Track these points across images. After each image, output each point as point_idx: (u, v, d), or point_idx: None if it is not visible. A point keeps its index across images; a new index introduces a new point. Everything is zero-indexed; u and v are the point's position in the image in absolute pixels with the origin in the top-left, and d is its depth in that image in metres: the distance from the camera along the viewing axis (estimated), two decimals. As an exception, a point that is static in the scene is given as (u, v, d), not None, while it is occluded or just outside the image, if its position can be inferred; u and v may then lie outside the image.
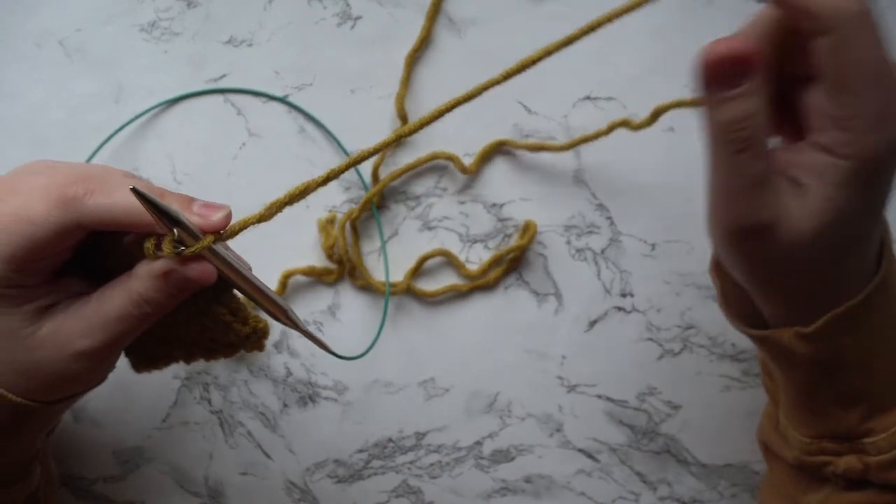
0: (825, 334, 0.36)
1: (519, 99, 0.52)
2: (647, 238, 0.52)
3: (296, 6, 0.52)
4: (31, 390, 0.37)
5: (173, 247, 0.33)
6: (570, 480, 0.52)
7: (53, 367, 0.36)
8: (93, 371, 0.37)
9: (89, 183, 0.34)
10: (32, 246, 0.34)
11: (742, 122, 0.34)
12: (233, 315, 0.38)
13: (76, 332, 0.36)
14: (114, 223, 0.34)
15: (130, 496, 0.52)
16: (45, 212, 0.34)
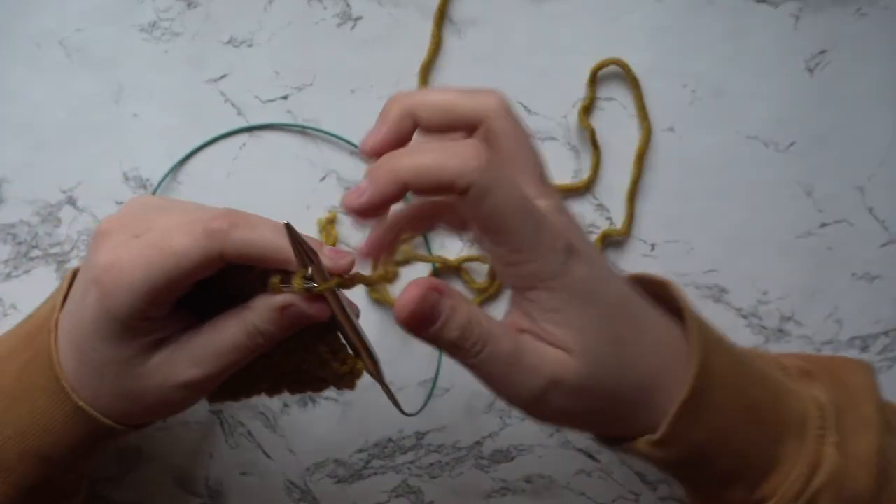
0: (676, 435, 0.36)
1: (519, 99, 0.52)
2: (647, 238, 0.52)
3: (296, 6, 0.52)
4: (127, 415, 0.38)
5: (303, 282, 0.35)
6: (570, 480, 0.52)
7: (157, 396, 0.37)
8: (192, 401, 0.38)
9: (233, 218, 0.34)
10: (174, 278, 0.34)
11: (465, 335, 0.34)
12: (333, 354, 0.39)
13: (185, 362, 0.36)
14: (254, 257, 0.34)
15: (130, 496, 0.52)
16: (190, 243, 0.34)
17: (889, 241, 0.52)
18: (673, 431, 0.36)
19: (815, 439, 0.37)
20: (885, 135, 0.52)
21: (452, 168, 0.32)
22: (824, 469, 0.37)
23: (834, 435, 0.37)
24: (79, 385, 0.37)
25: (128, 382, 0.37)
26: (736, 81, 0.52)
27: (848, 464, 0.37)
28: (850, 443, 0.38)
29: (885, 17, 0.51)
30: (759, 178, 0.52)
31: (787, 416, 0.38)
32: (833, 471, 0.37)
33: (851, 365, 0.43)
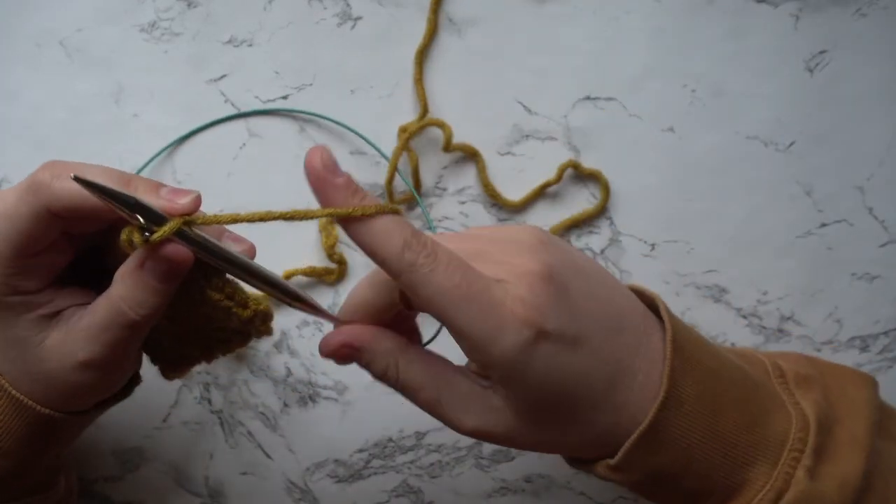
0: (632, 461, 0.36)
1: (519, 99, 0.52)
2: (647, 238, 0.52)
3: (296, 6, 0.52)
4: (54, 399, 0.37)
5: (142, 235, 0.32)
6: (570, 480, 0.52)
7: (62, 378, 0.36)
8: (102, 381, 0.37)
9: (56, 168, 0.34)
10: (12, 240, 0.33)
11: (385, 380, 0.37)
12: (230, 300, 0.37)
13: (77, 341, 0.35)
14: (82, 208, 0.33)
15: (130, 496, 0.52)
16: (16, 200, 0.33)
17: (889, 241, 0.52)
18: (629, 458, 0.36)
19: (789, 462, 0.37)
20: (885, 135, 0.52)
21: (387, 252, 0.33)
22: (791, 493, 0.36)
23: (809, 458, 0.37)
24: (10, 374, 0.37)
25: (33, 365, 0.36)
26: (736, 81, 0.52)
27: (820, 486, 0.37)
28: (831, 463, 0.37)
29: (885, 17, 0.51)
30: (759, 178, 0.52)
31: (763, 437, 0.37)
32: (799, 496, 0.36)
33: (855, 377, 0.42)
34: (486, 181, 0.51)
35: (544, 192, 0.52)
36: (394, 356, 0.36)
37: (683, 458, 0.36)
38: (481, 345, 0.33)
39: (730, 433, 0.37)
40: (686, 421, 0.36)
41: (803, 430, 0.38)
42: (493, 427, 0.36)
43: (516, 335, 0.33)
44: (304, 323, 0.52)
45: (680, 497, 0.38)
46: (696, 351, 0.38)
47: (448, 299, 0.33)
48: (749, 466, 0.37)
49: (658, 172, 0.52)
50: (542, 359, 0.34)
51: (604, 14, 0.52)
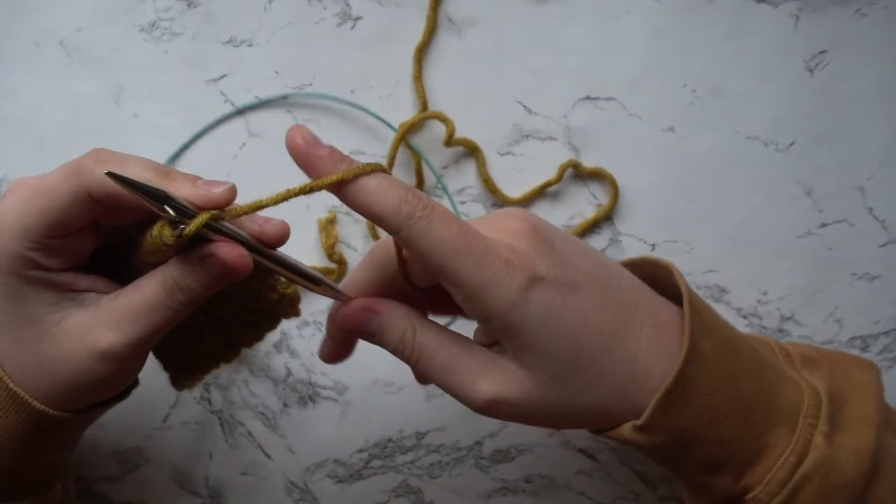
0: (658, 420, 0.36)
1: (519, 99, 0.52)
2: (647, 238, 0.52)
3: (296, 6, 0.52)
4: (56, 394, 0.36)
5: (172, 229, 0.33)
6: (570, 480, 0.52)
7: (76, 365, 0.35)
8: (116, 374, 0.36)
9: (102, 154, 0.34)
10: (47, 218, 0.34)
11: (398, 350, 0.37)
12: (258, 282, 0.38)
13: (102, 325, 0.35)
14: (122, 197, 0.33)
15: (130, 496, 0.52)
16: (58, 179, 0.34)
17: (889, 241, 0.52)
18: (656, 418, 0.36)
19: (806, 428, 0.37)
20: (885, 135, 0.52)
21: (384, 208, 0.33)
22: (811, 458, 0.37)
23: (825, 425, 0.37)
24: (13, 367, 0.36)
25: (43, 347, 0.35)
26: (736, 81, 0.52)
27: (837, 454, 0.37)
28: (844, 434, 0.38)
29: (885, 17, 0.51)
30: (759, 178, 0.52)
31: (778, 404, 0.38)
32: (819, 460, 0.37)
33: (859, 362, 0.43)
34: (487, 176, 0.51)
35: (545, 191, 0.52)
36: (411, 321, 0.37)
37: (707, 419, 0.37)
38: (478, 293, 0.34)
39: (749, 396, 0.37)
40: (708, 379, 0.37)
41: (815, 398, 0.38)
42: (510, 392, 0.36)
43: (509, 281, 0.34)
44: (304, 323, 0.52)
45: (701, 466, 0.38)
46: (711, 317, 0.39)
47: (446, 248, 0.33)
48: (769, 432, 0.37)
49: (658, 172, 0.52)
50: (537, 303, 0.34)
51: (604, 14, 0.52)
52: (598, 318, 0.36)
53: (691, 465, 0.38)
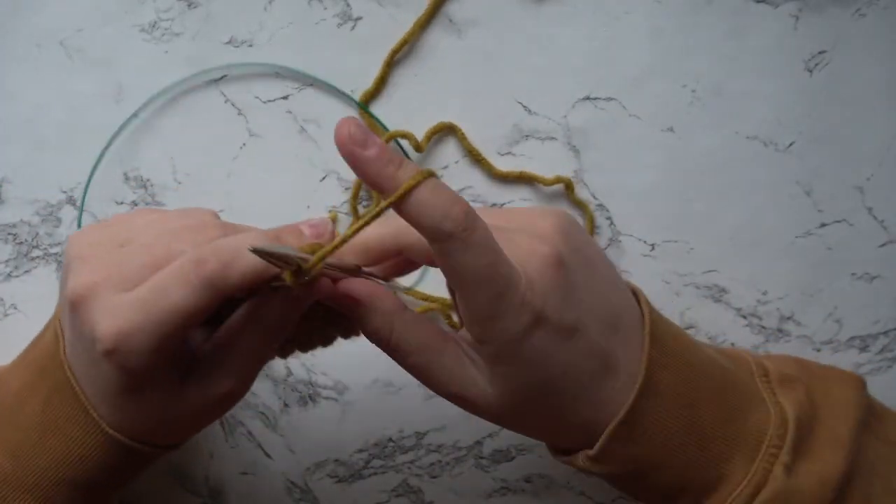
0: (611, 451, 0.37)
1: (518, 99, 0.52)
2: (647, 238, 0.52)
3: (296, 6, 0.52)
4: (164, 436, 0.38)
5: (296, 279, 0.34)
6: (569, 480, 0.52)
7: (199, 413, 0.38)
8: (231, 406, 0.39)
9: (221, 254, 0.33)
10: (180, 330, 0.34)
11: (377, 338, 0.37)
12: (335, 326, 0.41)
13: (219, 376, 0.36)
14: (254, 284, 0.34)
15: (130, 496, 0.52)
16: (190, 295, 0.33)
17: (889, 241, 0.52)
18: (609, 448, 0.37)
19: (767, 458, 0.37)
20: (885, 135, 0.52)
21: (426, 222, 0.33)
22: (768, 489, 0.37)
23: (788, 455, 0.37)
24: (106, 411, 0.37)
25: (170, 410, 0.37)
26: (736, 81, 0.52)
27: (799, 484, 0.37)
28: (811, 461, 0.38)
29: (885, 17, 0.51)
30: (759, 178, 0.52)
31: (740, 433, 0.38)
32: (776, 492, 0.37)
33: (841, 378, 0.43)
34: (470, 147, 0.51)
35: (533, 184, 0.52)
36: (389, 317, 0.37)
37: (661, 450, 0.37)
38: (483, 321, 0.34)
39: (707, 426, 0.37)
40: (663, 411, 0.37)
41: (782, 426, 0.38)
42: (474, 399, 0.37)
43: (517, 318, 0.34)
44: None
45: (658, 493, 0.38)
46: (675, 344, 0.38)
47: (473, 277, 0.33)
48: (726, 461, 0.37)
49: (658, 172, 0.52)
50: (535, 344, 0.35)
51: (604, 14, 0.52)
52: (583, 367, 0.36)
53: (649, 492, 0.39)
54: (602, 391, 0.37)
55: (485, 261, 0.33)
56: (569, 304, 0.35)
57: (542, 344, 0.35)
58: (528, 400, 0.36)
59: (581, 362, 0.36)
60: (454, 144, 0.52)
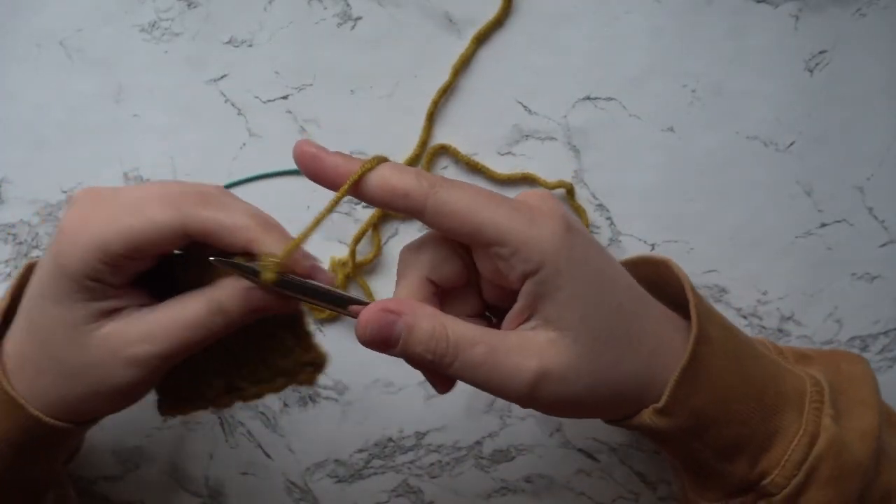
0: (677, 401, 0.37)
1: (518, 99, 0.52)
2: (647, 238, 0.52)
3: (296, 6, 0.52)
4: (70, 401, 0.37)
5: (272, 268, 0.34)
6: (569, 480, 0.52)
7: (102, 372, 0.36)
8: (140, 383, 0.37)
9: (207, 196, 0.35)
10: (133, 239, 0.34)
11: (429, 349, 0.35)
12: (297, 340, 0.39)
13: (138, 335, 0.36)
14: (217, 236, 0.34)
15: (130, 496, 0.52)
16: (156, 208, 0.34)
17: (889, 241, 0.52)
18: (675, 398, 0.36)
19: (813, 411, 0.38)
20: (884, 135, 0.52)
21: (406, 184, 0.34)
22: (823, 438, 0.37)
23: (831, 409, 0.38)
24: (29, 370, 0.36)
25: (73, 353, 0.36)
26: (736, 81, 0.52)
27: (846, 434, 0.38)
28: (846, 418, 0.39)
29: (885, 17, 0.51)
30: (759, 178, 0.52)
31: (784, 389, 0.38)
32: (831, 440, 0.37)
33: (847, 356, 0.44)
34: (467, 160, 0.51)
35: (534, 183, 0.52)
36: (439, 317, 0.35)
37: (722, 399, 0.37)
38: (523, 239, 0.34)
39: (757, 378, 0.38)
40: (719, 360, 0.37)
41: (817, 385, 0.39)
42: (555, 363, 0.34)
43: (553, 223, 0.34)
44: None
45: (717, 450, 0.38)
46: (710, 306, 0.40)
47: (478, 204, 0.34)
48: (778, 414, 0.38)
49: (658, 172, 0.52)
50: (580, 248, 0.35)
51: (604, 14, 0.52)
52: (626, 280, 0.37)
53: (707, 452, 0.38)
54: (653, 307, 0.37)
55: (474, 189, 0.34)
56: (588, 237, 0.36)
57: (584, 249, 0.35)
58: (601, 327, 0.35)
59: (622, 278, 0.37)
60: (454, 145, 0.52)
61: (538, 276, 0.34)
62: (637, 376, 0.36)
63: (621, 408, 0.38)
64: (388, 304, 0.35)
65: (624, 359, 0.36)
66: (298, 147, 0.35)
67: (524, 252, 0.34)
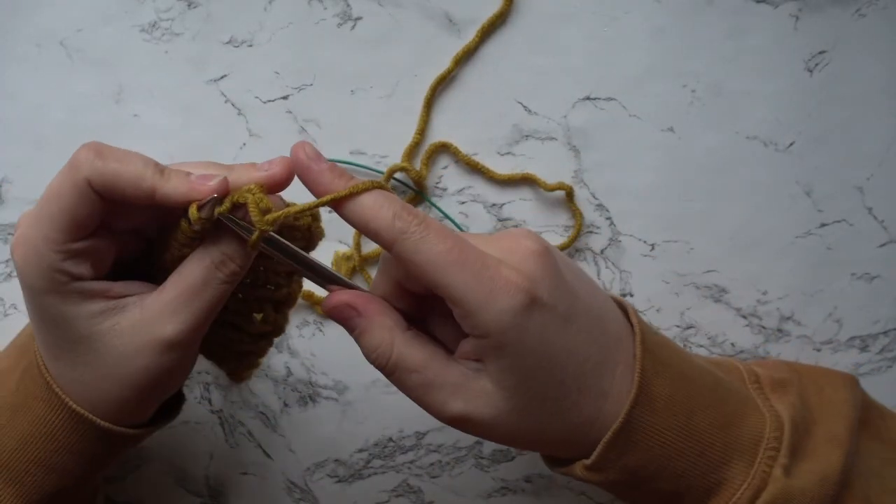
0: (607, 460, 0.37)
1: (518, 99, 0.52)
2: (647, 238, 0.52)
3: (296, 6, 0.52)
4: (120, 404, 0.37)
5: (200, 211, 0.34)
6: (569, 480, 0.52)
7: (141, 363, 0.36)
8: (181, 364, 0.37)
9: (100, 148, 0.35)
10: (60, 219, 0.34)
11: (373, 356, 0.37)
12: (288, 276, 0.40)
13: (159, 317, 0.35)
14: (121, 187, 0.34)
15: (130, 496, 0.52)
16: (59, 179, 0.34)
17: (888, 241, 0.52)
18: (604, 458, 0.37)
19: (765, 461, 0.37)
20: (885, 135, 0.52)
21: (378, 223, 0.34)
22: (768, 492, 0.37)
23: (786, 457, 0.37)
24: (71, 386, 0.37)
25: (102, 357, 0.36)
26: (736, 81, 0.52)
27: (799, 484, 0.37)
28: (810, 460, 0.38)
29: (884, 18, 0.51)
30: (759, 178, 0.52)
31: (737, 437, 0.38)
32: (777, 493, 0.37)
33: (834, 378, 0.43)
34: (467, 159, 0.51)
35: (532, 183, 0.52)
36: (392, 333, 0.36)
37: (659, 458, 0.37)
38: (475, 309, 0.34)
39: (705, 432, 0.37)
40: (659, 420, 0.37)
41: (778, 429, 0.38)
42: (480, 412, 0.36)
43: (511, 299, 0.34)
44: (304, 323, 0.52)
45: (656, 499, 0.38)
46: (667, 354, 0.38)
47: (441, 263, 0.33)
48: (725, 466, 0.37)
49: (658, 172, 0.52)
50: (535, 326, 0.34)
51: (604, 14, 0.52)
52: (584, 351, 0.36)
53: (646, 499, 0.39)
54: (604, 380, 0.36)
55: (447, 245, 0.34)
56: (560, 291, 0.35)
57: (542, 327, 0.35)
58: (535, 397, 0.36)
59: (582, 349, 0.36)
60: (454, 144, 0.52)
61: (483, 342, 0.35)
62: (566, 436, 0.37)
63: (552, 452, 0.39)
64: (357, 300, 0.37)
65: (552, 423, 0.37)
66: (294, 152, 0.35)
67: (471, 320, 0.34)
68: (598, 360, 0.36)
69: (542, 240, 0.36)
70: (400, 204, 0.34)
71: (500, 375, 0.35)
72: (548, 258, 0.35)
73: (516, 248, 0.36)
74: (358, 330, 0.37)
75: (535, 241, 0.36)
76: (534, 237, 0.36)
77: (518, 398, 0.36)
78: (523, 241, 0.36)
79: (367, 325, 0.36)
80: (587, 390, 0.36)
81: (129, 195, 0.34)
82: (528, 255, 0.35)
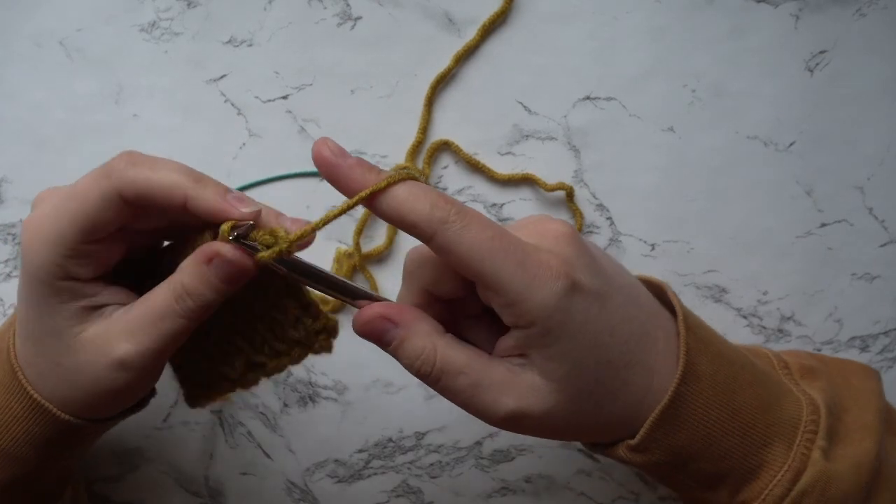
0: (653, 440, 0.36)
1: (519, 99, 0.52)
2: (647, 238, 0.52)
3: (296, 6, 0.52)
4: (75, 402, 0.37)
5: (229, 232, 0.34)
6: (569, 480, 0.52)
7: (93, 374, 0.36)
8: (133, 383, 0.36)
9: (134, 157, 0.35)
10: (80, 221, 0.34)
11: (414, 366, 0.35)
12: (303, 310, 0.38)
13: (119, 335, 0.35)
14: (152, 196, 0.34)
15: (130, 496, 0.52)
16: (89, 183, 0.34)
17: (889, 241, 0.52)
18: (650, 437, 0.36)
19: (804, 443, 0.37)
20: (885, 135, 0.52)
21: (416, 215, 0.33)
22: (808, 474, 0.37)
23: (823, 439, 0.37)
24: (34, 375, 0.37)
25: (64, 358, 0.36)
26: (736, 81, 0.52)
27: (836, 468, 0.37)
28: (844, 445, 0.38)
29: (885, 17, 0.51)
30: (759, 178, 0.52)
31: (777, 419, 0.38)
32: (817, 476, 0.37)
33: (858, 370, 0.43)
34: (468, 157, 0.51)
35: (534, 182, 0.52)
36: (432, 338, 0.35)
37: (703, 438, 0.37)
38: (520, 297, 0.33)
39: (747, 413, 0.37)
40: (704, 398, 0.37)
41: (815, 412, 0.38)
42: (533, 407, 0.35)
43: (553, 284, 0.33)
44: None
45: (697, 482, 0.38)
46: (707, 334, 0.39)
47: (484, 252, 0.33)
48: (766, 448, 0.37)
49: (658, 172, 0.52)
50: (578, 309, 0.34)
51: (604, 14, 0.52)
52: (626, 328, 0.36)
53: (688, 481, 0.38)
54: (648, 355, 0.36)
55: (489, 233, 0.33)
56: (593, 271, 0.35)
57: (585, 309, 0.34)
58: (586, 382, 0.35)
59: (623, 326, 0.36)
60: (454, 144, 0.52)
61: (527, 332, 0.34)
62: (618, 417, 0.37)
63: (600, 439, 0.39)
64: (391, 311, 0.35)
65: (605, 406, 0.36)
66: (317, 149, 0.34)
67: (517, 309, 0.34)
68: (640, 334, 0.36)
69: (566, 222, 0.36)
70: (435, 193, 0.33)
71: (547, 366, 0.35)
72: (578, 239, 0.35)
73: (546, 232, 0.35)
74: (396, 341, 0.35)
75: (562, 224, 0.36)
76: (559, 220, 0.36)
77: (569, 388, 0.35)
78: (550, 224, 0.36)
79: (405, 333, 0.35)
80: (634, 366, 0.36)
81: (160, 202, 0.34)
82: (559, 238, 0.35)
